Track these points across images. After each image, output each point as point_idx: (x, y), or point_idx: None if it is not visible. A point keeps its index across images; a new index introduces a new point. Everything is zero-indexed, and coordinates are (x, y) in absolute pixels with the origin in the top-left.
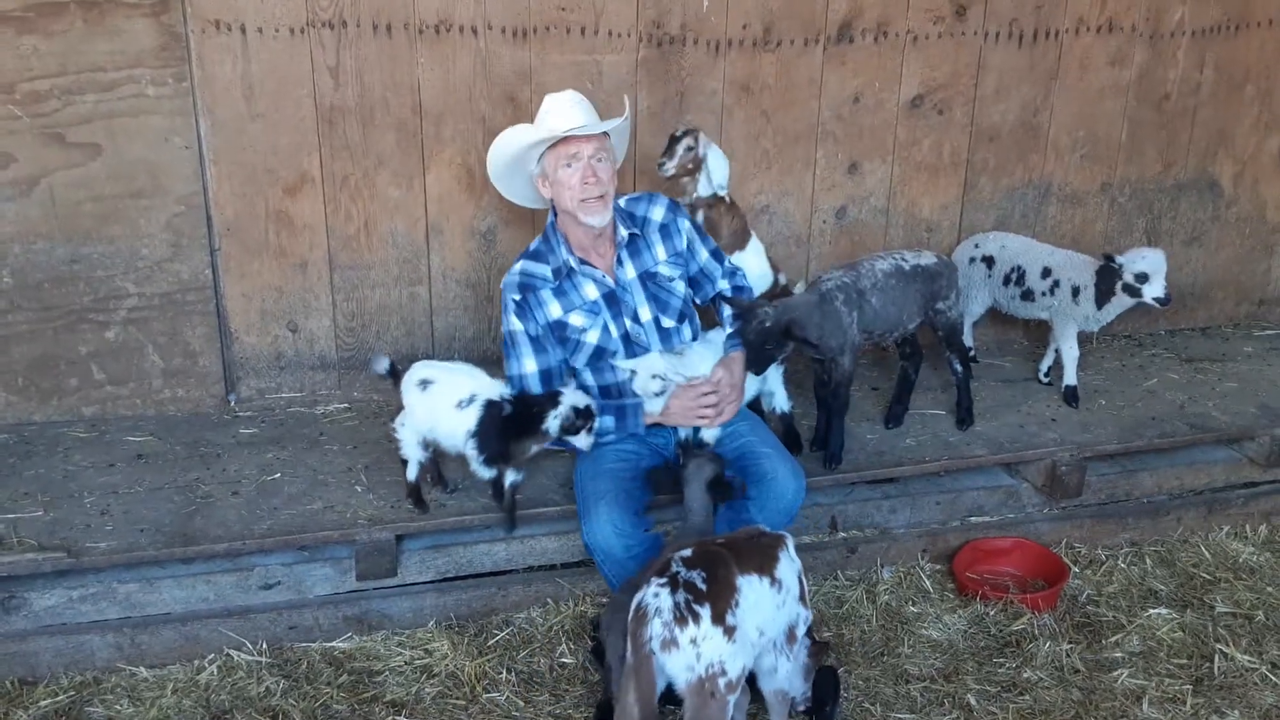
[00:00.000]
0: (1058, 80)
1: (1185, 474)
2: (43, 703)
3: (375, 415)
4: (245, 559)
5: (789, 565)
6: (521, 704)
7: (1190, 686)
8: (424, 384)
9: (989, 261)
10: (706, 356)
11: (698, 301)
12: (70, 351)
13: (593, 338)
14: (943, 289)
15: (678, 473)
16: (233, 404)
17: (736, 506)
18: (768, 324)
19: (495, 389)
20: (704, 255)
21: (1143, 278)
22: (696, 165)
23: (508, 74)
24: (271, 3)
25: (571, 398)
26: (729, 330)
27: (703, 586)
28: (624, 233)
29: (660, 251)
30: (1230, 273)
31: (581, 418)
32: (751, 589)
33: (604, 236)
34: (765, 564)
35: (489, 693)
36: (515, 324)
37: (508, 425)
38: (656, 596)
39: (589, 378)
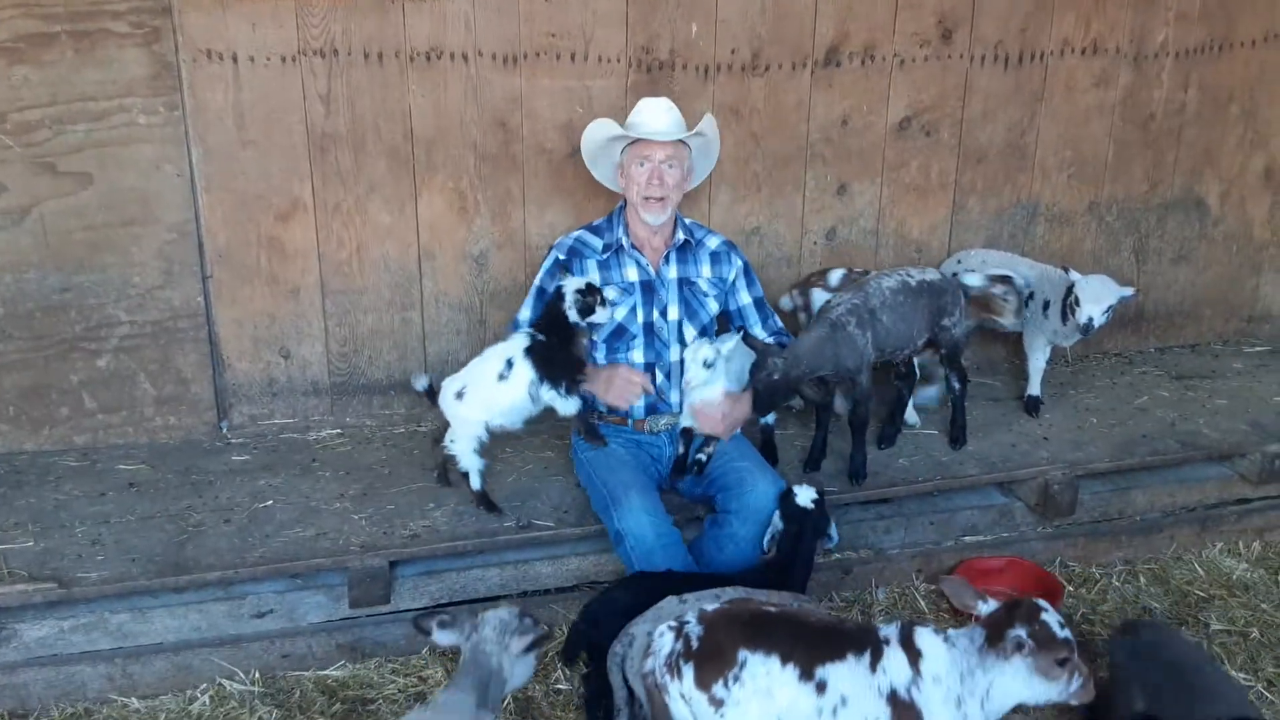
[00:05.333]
0: (1044, 102)
1: (1178, 491)
2: None
3: (368, 441)
4: (237, 587)
5: (859, 674)
6: None
7: None
8: (460, 394)
9: None
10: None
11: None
12: (62, 380)
13: (619, 314)
14: (948, 305)
15: None
16: (225, 431)
17: (720, 521)
18: (775, 377)
19: (518, 340)
20: (746, 298)
21: (1076, 301)
22: None
23: (498, 100)
24: (263, 31)
25: (570, 284)
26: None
27: (694, 645)
28: (680, 236)
29: (705, 270)
30: (1218, 290)
31: (589, 294)
32: (765, 673)
33: (660, 235)
34: (806, 655)
35: None
36: (546, 281)
37: (555, 347)
38: (661, 636)
39: (600, 355)
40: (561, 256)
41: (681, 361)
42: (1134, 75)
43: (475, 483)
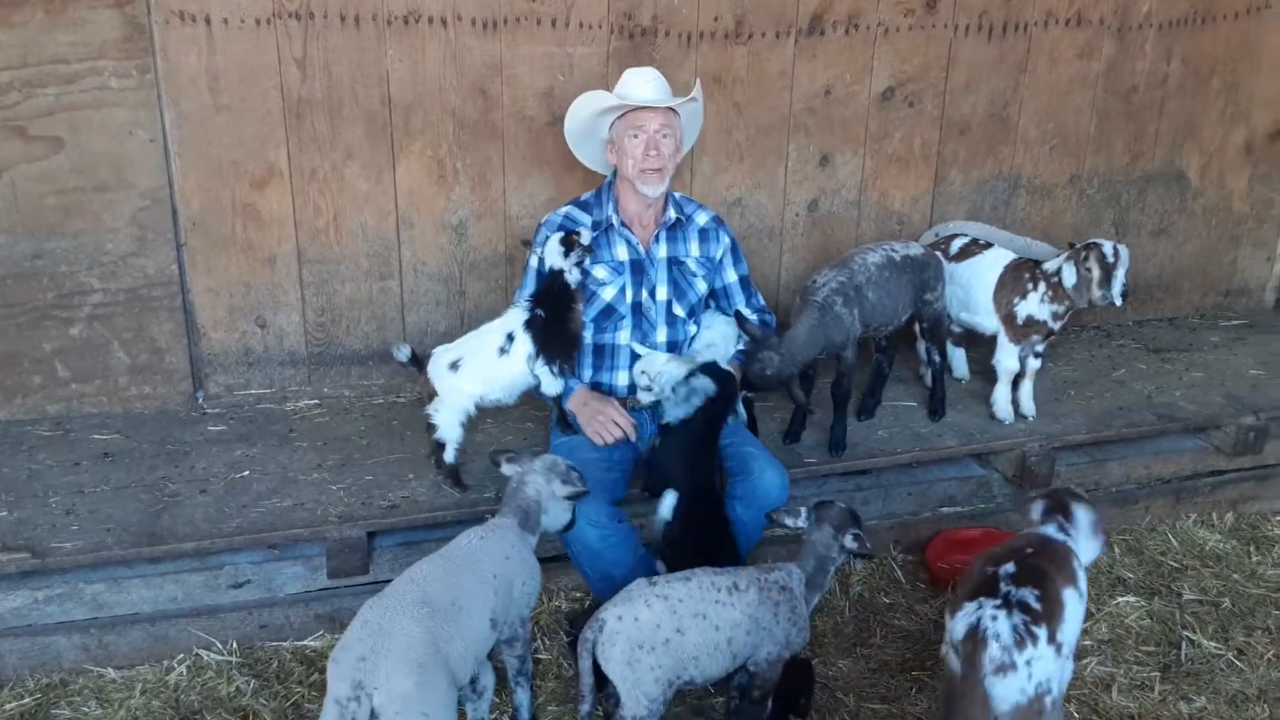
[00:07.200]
0: (1027, 73)
1: (1153, 463)
2: (8, 706)
3: (345, 411)
4: (214, 558)
5: (1083, 574)
6: (497, 699)
7: (1158, 673)
8: (454, 365)
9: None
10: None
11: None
12: (34, 349)
13: (608, 294)
14: (930, 280)
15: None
16: (200, 401)
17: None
18: (769, 373)
19: (517, 314)
20: (731, 275)
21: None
22: None
23: (478, 66)
24: None
25: (550, 254)
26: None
27: (1038, 606)
28: (671, 215)
29: (694, 248)
30: (1197, 264)
31: (570, 246)
32: (1071, 602)
33: (652, 210)
34: (1073, 576)
35: None
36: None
37: (556, 320)
38: (995, 620)
39: (588, 335)
40: (551, 235)
41: (688, 339)
42: (1117, 47)
43: (450, 455)
